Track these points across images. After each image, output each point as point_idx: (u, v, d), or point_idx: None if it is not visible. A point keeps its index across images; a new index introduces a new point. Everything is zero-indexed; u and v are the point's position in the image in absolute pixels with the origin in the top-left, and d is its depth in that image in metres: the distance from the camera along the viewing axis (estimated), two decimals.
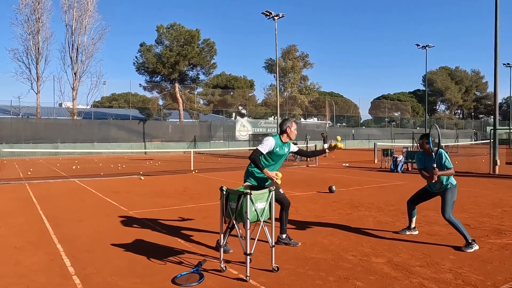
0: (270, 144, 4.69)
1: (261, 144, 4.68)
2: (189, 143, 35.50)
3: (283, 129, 4.86)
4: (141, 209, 7.68)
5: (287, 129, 4.85)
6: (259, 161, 4.56)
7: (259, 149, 4.64)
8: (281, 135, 4.87)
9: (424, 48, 35.80)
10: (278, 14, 25.02)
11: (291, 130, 4.87)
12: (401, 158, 15.68)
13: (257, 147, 4.69)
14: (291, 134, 4.88)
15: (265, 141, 4.70)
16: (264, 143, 4.68)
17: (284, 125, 4.86)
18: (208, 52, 37.25)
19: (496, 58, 14.46)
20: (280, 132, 4.90)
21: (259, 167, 4.52)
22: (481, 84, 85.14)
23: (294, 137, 4.95)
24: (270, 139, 4.73)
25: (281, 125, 4.91)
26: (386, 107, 72.73)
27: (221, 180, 12.90)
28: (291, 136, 4.89)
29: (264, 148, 4.66)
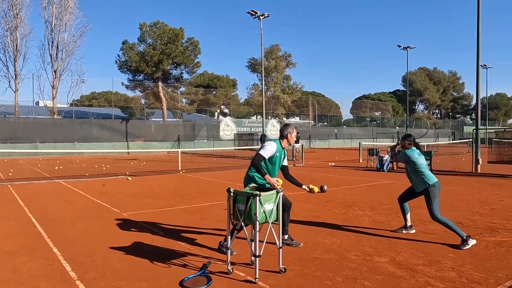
0: (272, 149, 4.65)
1: (263, 148, 4.61)
2: (172, 143, 35.14)
3: (284, 135, 4.81)
4: (134, 210, 7.55)
5: (288, 134, 4.82)
6: (261, 167, 4.51)
7: (261, 154, 4.56)
8: (281, 140, 4.84)
9: (406, 49, 36.50)
10: (264, 13, 25.05)
11: (291, 136, 4.84)
12: (386, 158, 15.94)
13: (259, 152, 4.59)
14: (291, 140, 4.86)
15: (267, 146, 4.64)
16: (266, 148, 4.62)
17: (286, 130, 4.83)
18: (192, 51, 36.93)
19: (478, 60, 14.87)
20: (281, 137, 4.85)
21: (261, 172, 4.46)
22: (458, 84, 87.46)
23: (293, 143, 4.94)
24: (272, 144, 4.68)
25: (282, 130, 4.85)
26: (367, 106, 73.82)
27: (210, 180, 12.81)
28: (291, 142, 4.86)
29: (267, 153, 4.60)
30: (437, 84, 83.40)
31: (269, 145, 4.67)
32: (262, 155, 4.56)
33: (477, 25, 15.01)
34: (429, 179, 5.32)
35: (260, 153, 4.57)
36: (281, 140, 4.84)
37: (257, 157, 4.54)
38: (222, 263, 4.39)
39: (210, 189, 10.48)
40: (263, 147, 4.66)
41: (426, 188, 5.29)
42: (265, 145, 4.67)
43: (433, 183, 5.31)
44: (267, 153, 4.59)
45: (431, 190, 5.25)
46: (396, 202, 8.35)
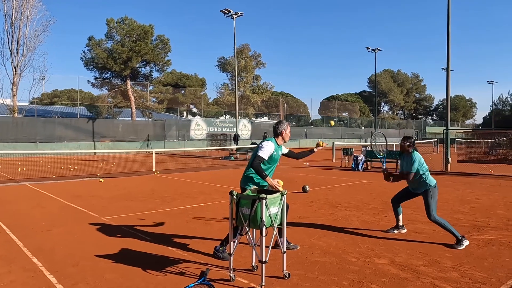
0: (270, 149, 4.49)
1: (261, 149, 4.43)
2: (142, 143, 34.20)
3: (278, 132, 4.65)
4: (113, 214, 7.16)
5: (282, 131, 4.67)
6: (262, 169, 4.33)
7: (260, 156, 4.37)
8: (276, 138, 4.69)
9: (374, 52, 37.42)
10: (237, 12, 24.85)
11: (286, 133, 4.69)
12: (361, 157, 16.20)
13: (257, 153, 4.39)
14: (286, 137, 4.72)
15: (265, 146, 4.46)
16: (264, 149, 4.45)
17: (280, 127, 4.67)
18: (162, 48, 36.09)
19: (448, 65, 15.39)
20: (275, 135, 4.69)
21: (263, 175, 4.28)
22: (420, 86, 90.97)
23: (288, 140, 4.80)
24: (269, 144, 4.52)
25: (276, 127, 4.68)
26: (335, 107, 75.25)
27: (187, 181, 12.48)
28: (285, 139, 4.72)
29: (266, 154, 4.43)
30: (401, 85, 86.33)
31: (267, 145, 4.50)
32: (262, 157, 4.38)
33: (447, 34, 15.54)
34: (430, 181, 5.32)
35: (259, 154, 4.38)
36: (276, 138, 4.69)
37: (257, 159, 4.35)
38: (221, 269, 4.19)
39: (189, 191, 10.18)
40: (261, 148, 4.47)
41: (427, 190, 5.28)
42: (262, 146, 4.49)
43: (434, 184, 5.33)
44: (266, 154, 4.42)
45: (432, 191, 5.26)
46: (377, 202, 8.49)
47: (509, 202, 8.24)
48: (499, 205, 7.91)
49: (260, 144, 4.55)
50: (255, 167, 4.29)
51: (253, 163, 4.31)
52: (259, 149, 4.47)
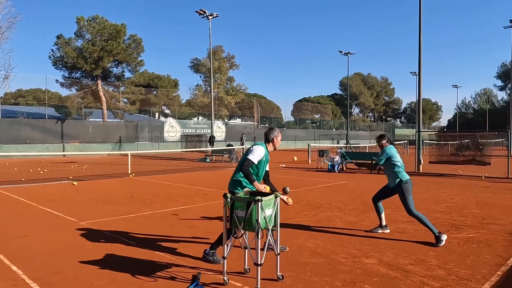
0: (261, 153, 4.46)
1: (252, 153, 4.37)
2: (113, 145, 33.34)
3: (270, 138, 4.62)
4: (93, 218, 6.93)
5: (274, 138, 4.64)
6: (251, 173, 4.29)
7: (250, 159, 4.32)
8: (267, 144, 4.66)
9: (346, 55, 38.19)
10: (213, 13, 24.72)
11: (277, 140, 4.67)
12: (337, 159, 16.47)
13: (247, 157, 4.34)
14: (277, 144, 4.70)
15: (256, 151, 4.42)
16: (255, 153, 4.40)
17: (272, 134, 4.64)
18: (135, 48, 35.34)
19: (420, 69, 15.91)
20: (267, 141, 4.65)
21: (251, 179, 4.24)
22: (389, 90, 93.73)
23: (278, 147, 4.79)
24: (260, 148, 4.48)
25: (267, 134, 4.64)
26: (308, 109, 76.23)
27: (165, 183, 12.27)
28: (276, 146, 4.70)
29: (256, 158, 4.39)
30: (371, 89, 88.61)
31: (257, 149, 4.46)
32: (252, 160, 4.33)
33: (419, 41, 16.07)
34: (402, 176, 5.56)
35: (249, 158, 4.33)
36: (267, 143, 4.66)
37: (247, 162, 4.30)
38: (213, 273, 4.14)
39: (169, 193, 10.01)
40: (251, 151, 4.42)
41: (400, 184, 5.50)
42: (253, 150, 4.45)
43: (406, 179, 5.55)
44: (256, 158, 4.39)
45: (404, 187, 5.49)
46: (357, 202, 8.67)
47: (481, 202, 8.60)
48: (472, 205, 8.24)
49: (251, 147, 4.51)
50: (244, 170, 4.24)
51: (243, 166, 4.27)
52: (250, 152, 4.42)
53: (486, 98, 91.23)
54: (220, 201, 8.85)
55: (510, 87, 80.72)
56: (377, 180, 12.86)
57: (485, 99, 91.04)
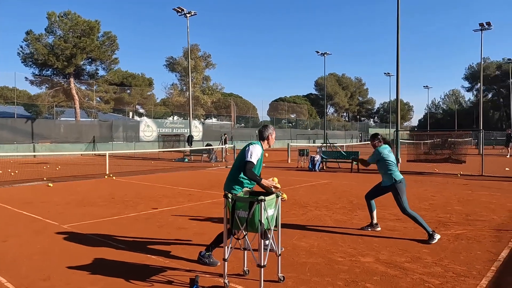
0: (259, 152, 4.34)
1: (251, 155, 4.22)
2: (87, 145, 32.34)
3: (264, 136, 4.50)
4: (75, 221, 6.64)
5: (269, 136, 4.53)
6: (255, 174, 4.18)
7: (251, 161, 4.17)
8: (262, 142, 4.55)
9: (323, 55, 38.60)
10: (190, 11, 24.40)
11: (272, 137, 4.58)
12: (318, 158, 16.57)
13: (247, 160, 4.18)
14: (272, 141, 4.60)
15: (254, 150, 4.26)
16: (254, 153, 4.24)
17: (266, 131, 4.54)
18: (110, 46, 34.36)
19: (397, 71, 16.24)
20: (261, 139, 4.53)
21: (257, 180, 4.12)
22: (363, 90, 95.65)
23: (272, 144, 4.71)
24: (257, 147, 4.36)
25: (262, 131, 4.53)
26: (283, 109, 76.67)
27: (146, 184, 11.97)
28: (271, 143, 4.61)
29: (255, 157, 4.25)
30: (345, 89, 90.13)
31: (255, 148, 4.32)
32: (253, 162, 4.20)
33: (397, 43, 16.40)
34: (396, 175, 5.61)
35: (250, 160, 4.16)
36: (262, 141, 4.56)
37: (248, 166, 4.14)
38: (210, 275, 4.02)
39: (151, 194, 9.75)
40: (249, 152, 4.24)
41: (393, 184, 5.56)
42: (251, 150, 4.28)
43: (400, 179, 5.61)
44: (255, 159, 4.27)
45: (398, 186, 5.55)
46: (342, 201, 8.72)
47: (461, 199, 8.84)
48: (454, 202, 8.45)
49: (247, 147, 4.34)
50: (248, 175, 4.10)
51: (246, 172, 4.11)
52: (247, 153, 4.24)
53: (454, 98, 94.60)
54: (206, 202, 8.71)
55: (477, 88, 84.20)
56: (358, 179, 13.03)
57: (453, 100, 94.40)
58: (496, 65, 77.74)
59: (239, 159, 4.36)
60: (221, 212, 7.42)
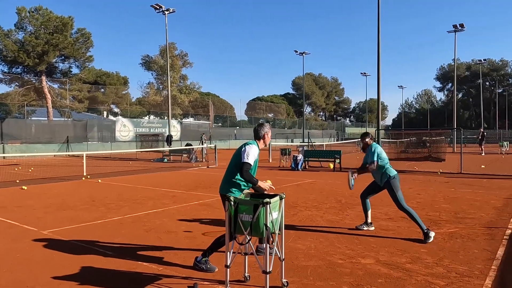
0: (256, 152, 4.16)
1: (248, 155, 4.04)
2: (60, 145, 31.20)
3: (260, 135, 4.32)
4: (55, 227, 6.26)
5: (265, 135, 4.36)
6: (252, 176, 4.01)
7: (248, 163, 4.00)
8: (258, 141, 4.37)
9: (301, 55, 38.76)
10: (169, 8, 23.91)
11: (268, 136, 4.41)
12: (300, 157, 16.54)
13: (244, 161, 4.01)
14: (267, 140, 4.44)
15: (251, 151, 4.09)
16: (251, 154, 4.07)
17: (262, 130, 4.36)
18: (83, 43, 33.27)
19: (378, 72, 16.40)
20: (257, 138, 4.35)
21: (254, 182, 3.96)
22: (339, 90, 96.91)
23: (268, 144, 4.55)
24: (254, 147, 4.18)
25: (258, 130, 4.35)
26: (262, 108, 76.71)
27: (127, 186, 11.56)
28: (266, 142, 4.44)
29: (252, 158, 4.07)
30: (322, 88, 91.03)
31: (252, 149, 4.14)
32: (250, 164, 4.02)
33: (378, 45, 16.56)
34: (390, 171, 5.58)
35: (247, 162, 3.98)
36: (258, 141, 4.37)
37: (246, 167, 3.95)
38: (209, 282, 3.82)
39: (134, 196, 9.40)
40: (246, 153, 4.05)
41: (388, 180, 5.51)
42: (247, 151, 4.08)
43: (394, 175, 5.58)
44: (252, 159, 4.09)
45: (392, 182, 5.51)
46: (329, 200, 8.67)
47: (446, 196, 8.94)
48: (440, 200, 8.54)
49: (244, 148, 4.15)
50: (245, 177, 3.93)
51: (243, 174, 3.94)
52: (244, 154, 4.05)
53: (427, 98, 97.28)
54: (193, 203, 8.45)
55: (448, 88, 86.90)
56: (342, 178, 13.02)
57: (426, 100, 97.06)
58: (466, 66, 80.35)
59: (235, 160, 4.18)
60: (210, 214, 7.22)
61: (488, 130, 49.33)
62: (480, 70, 59.11)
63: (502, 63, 79.91)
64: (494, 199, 8.48)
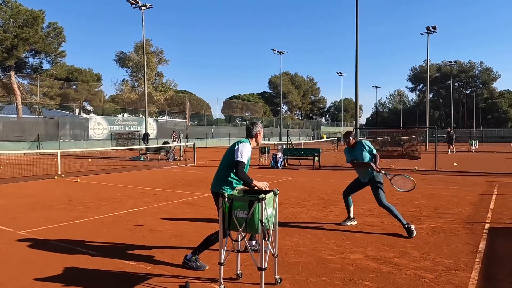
0: (249, 151, 4.12)
1: (241, 154, 3.99)
2: (30, 143, 30.07)
3: (253, 134, 4.26)
4: (32, 227, 6.00)
5: (257, 133, 4.31)
6: (247, 175, 3.98)
7: (243, 161, 3.96)
8: (250, 139, 4.31)
9: (279, 53, 38.91)
10: (146, 4, 23.44)
11: (260, 135, 4.36)
12: (280, 155, 16.60)
13: (238, 160, 3.96)
14: (260, 139, 4.39)
15: (244, 150, 4.03)
16: (244, 152, 4.02)
17: (255, 129, 4.29)
18: (55, 37, 32.13)
19: (357, 70, 16.66)
20: (250, 137, 4.29)
21: (249, 181, 3.93)
22: (315, 89, 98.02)
23: (260, 142, 4.50)
24: (248, 146, 4.12)
25: (250, 129, 4.28)
26: (238, 107, 76.60)
27: (105, 184, 11.25)
28: (259, 141, 4.39)
29: (246, 157, 4.03)
30: (298, 88, 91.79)
31: (245, 147, 4.07)
32: (244, 162, 3.98)
33: (356, 48, 16.81)
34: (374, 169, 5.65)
35: (241, 161, 3.94)
36: (250, 139, 4.31)
37: (240, 166, 3.92)
38: (201, 281, 3.75)
39: (113, 195, 9.15)
40: (239, 151, 4.00)
41: (373, 177, 5.60)
42: (241, 149, 4.01)
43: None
44: (246, 158, 4.05)
45: (378, 178, 5.60)
46: (317, 198, 8.74)
47: (425, 193, 9.18)
48: (419, 196, 8.75)
49: (237, 146, 4.07)
50: (240, 176, 3.89)
51: (238, 173, 3.90)
52: (237, 152, 3.99)
53: (399, 98, 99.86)
54: (175, 202, 8.31)
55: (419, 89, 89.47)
56: (322, 176, 13.17)
57: (398, 100, 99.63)
58: (436, 68, 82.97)
59: (227, 158, 4.13)
60: (194, 213, 7.12)
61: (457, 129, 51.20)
62: (451, 71, 61.16)
63: (470, 65, 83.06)
64: (470, 195, 8.76)
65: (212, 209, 7.38)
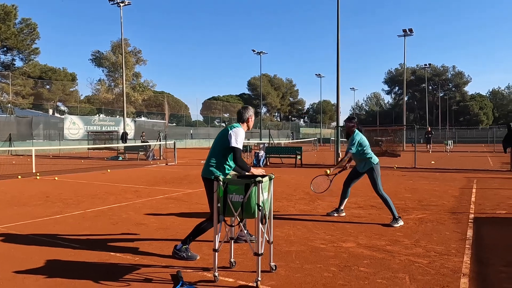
0: (243, 135, 4.01)
1: (236, 140, 3.88)
2: (2, 143, 28.90)
3: (244, 118, 4.15)
4: (9, 222, 5.70)
5: (249, 118, 4.19)
6: (245, 162, 3.89)
7: (239, 148, 3.87)
8: (242, 124, 4.21)
9: (259, 54, 38.95)
10: (124, 1, 22.99)
11: (251, 120, 4.25)
12: (262, 153, 16.55)
13: (235, 146, 3.85)
14: (251, 124, 4.28)
15: (239, 136, 3.92)
16: (239, 138, 3.91)
17: (247, 113, 4.18)
18: (28, 34, 31.11)
19: (338, 75, 16.80)
20: (241, 121, 4.17)
21: (247, 168, 3.84)
22: (294, 91, 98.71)
23: (251, 128, 4.39)
24: (241, 130, 4.01)
25: (242, 113, 4.16)
26: (217, 108, 76.27)
27: (82, 182, 10.88)
28: (250, 126, 4.28)
29: (241, 143, 3.93)
30: (277, 89, 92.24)
31: (239, 132, 3.95)
32: (241, 148, 3.90)
33: (337, 52, 16.97)
34: (374, 159, 5.66)
35: (237, 147, 3.84)
36: (242, 124, 4.20)
37: (238, 153, 3.84)
38: (192, 270, 3.63)
39: (92, 192, 8.84)
40: (233, 137, 3.88)
41: (371, 167, 5.59)
42: (235, 134, 3.90)
43: (376, 162, 5.67)
44: (241, 143, 3.95)
45: (375, 169, 5.59)
46: (303, 193, 8.71)
47: (407, 188, 9.31)
48: (402, 190, 8.86)
49: (230, 131, 3.94)
50: (239, 164, 3.80)
51: (237, 160, 3.82)
52: (232, 138, 3.86)
53: (376, 101, 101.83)
54: (158, 197, 8.10)
55: (395, 91, 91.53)
56: (304, 173, 13.18)
57: (375, 102, 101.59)
58: (411, 71, 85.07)
59: (219, 144, 4.01)
60: (179, 208, 6.94)
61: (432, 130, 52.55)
62: (426, 75, 62.82)
63: (443, 69, 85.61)
64: (451, 189, 8.94)
65: (198, 203, 7.24)
